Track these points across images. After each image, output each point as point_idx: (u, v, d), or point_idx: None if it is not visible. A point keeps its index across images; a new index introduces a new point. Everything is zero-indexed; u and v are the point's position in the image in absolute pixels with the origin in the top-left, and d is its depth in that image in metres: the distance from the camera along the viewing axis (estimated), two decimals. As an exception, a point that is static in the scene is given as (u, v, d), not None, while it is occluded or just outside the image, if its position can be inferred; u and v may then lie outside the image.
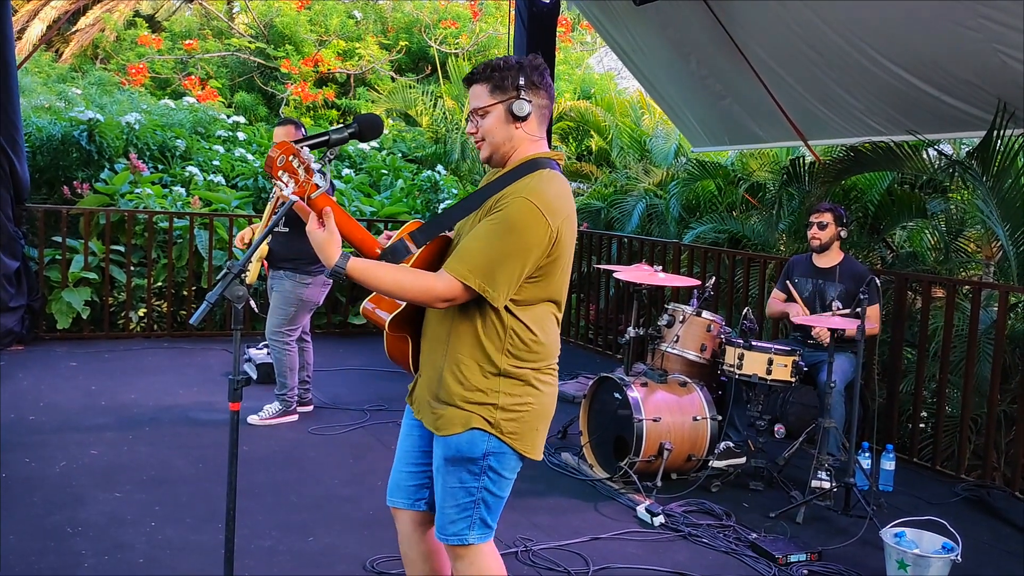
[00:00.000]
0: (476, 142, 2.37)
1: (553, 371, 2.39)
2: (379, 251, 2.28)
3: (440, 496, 2.38)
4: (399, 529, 2.58)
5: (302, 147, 2.01)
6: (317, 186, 1.99)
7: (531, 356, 2.31)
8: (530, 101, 2.31)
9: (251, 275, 5.05)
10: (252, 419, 5.30)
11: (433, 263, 2.34)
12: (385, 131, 2.99)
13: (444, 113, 11.56)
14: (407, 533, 2.56)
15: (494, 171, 2.42)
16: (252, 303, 2.44)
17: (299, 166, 1.96)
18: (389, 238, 2.37)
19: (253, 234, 5.22)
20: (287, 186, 1.97)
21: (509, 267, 2.19)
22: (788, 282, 5.21)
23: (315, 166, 1.99)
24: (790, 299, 5.16)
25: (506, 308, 2.25)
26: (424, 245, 2.30)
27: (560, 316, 2.41)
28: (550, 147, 2.45)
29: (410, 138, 11.27)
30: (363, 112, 11.97)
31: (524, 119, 2.31)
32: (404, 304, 2.32)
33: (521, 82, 2.29)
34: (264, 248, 5.08)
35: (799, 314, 4.92)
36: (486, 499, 2.36)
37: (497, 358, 2.28)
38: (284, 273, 5.16)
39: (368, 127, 2.35)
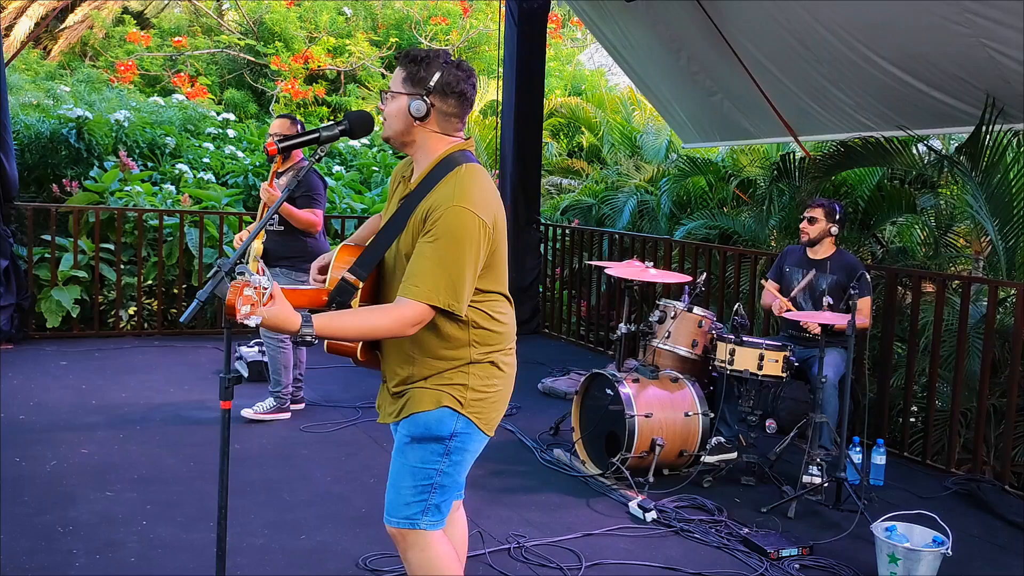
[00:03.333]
0: (383, 119, 2.38)
1: (513, 351, 2.47)
2: (326, 297, 2.30)
3: (397, 476, 2.40)
4: None
5: (247, 277, 2.02)
6: (266, 290, 2.02)
7: (495, 342, 2.38)
8: (432, 105, 2.29)
9: None
10: (246, 412, 5.30)
11: (376, 290, 2.40)
12: (376, 128, 3.02)
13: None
14: None
15: (405, 163, 2.45)
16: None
17: (251, 292, 1.99)
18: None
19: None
20: (254, 318, 1.99)
21: (465, 277, 2.23)
22: (780, 270, 5.23)
23: (263, 280, 2.00)
24: (782, 292, 5.18)
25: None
26: (366, 278, 2.31)
27: (511, 301, 2.47)
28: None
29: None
30: (353, 109, 11.95)
31: (420, 119, 2.30)
32: None
33: (432, 83, 2.28)
34: (259, 247, 5.08)
35: (781, 308, 4.95)
36: (443, 483, 2.38)
37: (464, 351, 2.34)
38: (280, 271, 5.15)
39: (359, 124, 2.35)
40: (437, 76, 2.28)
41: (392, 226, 2.35)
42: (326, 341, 2.34)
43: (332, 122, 2.34)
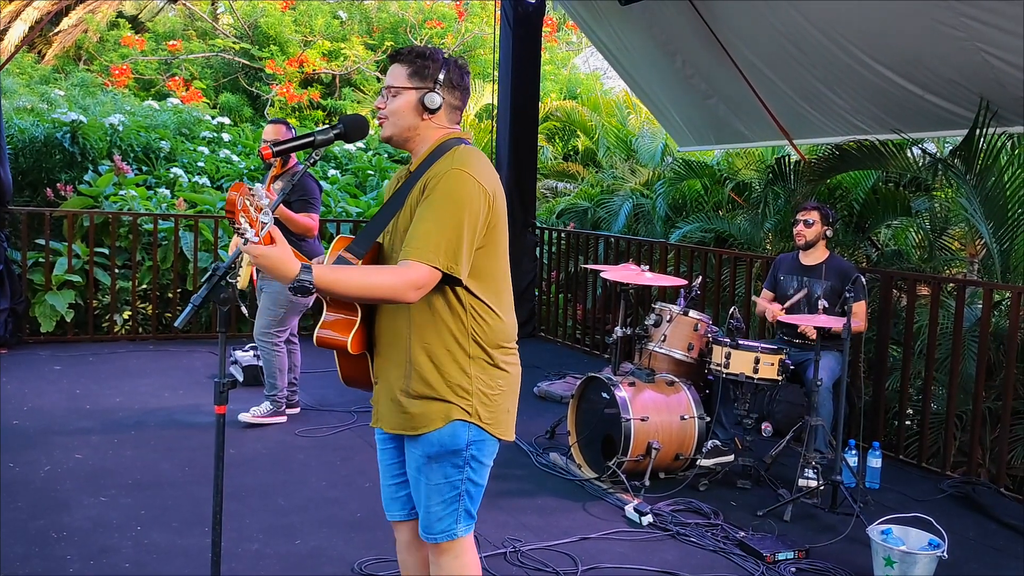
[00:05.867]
0: (380, 118, 2.37)
1: (515, 350, 2.43)
2: None
3: (424, 495, 2.37)
4: (399, 539, 2.59)
5: (253, 185, 2.01)
6: (264, 224, 1.99)
7: (495, 336, 2.33)
8: (443, 97, 2.33)
9: (242, 280, 5.02)
10: (243, 416, 5.28)
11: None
12: (371, 132, 2.98)
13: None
14: (407, 542, 2.57)
15: (404, 169, 2.45)
16: (243, 307, 2.42)
17: (251, 205, 1.97)
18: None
19: None
20: (248, 231, 1.97)
21: (463, 238, 2.19)
22: (775, 279, 5.24)
23: (264, 203, 1.99)
24: (776, 300, 5.18)
25: (464, 288, 2.26)
26: (364, 256, 2.29)
27: (511, 297, 2.43)
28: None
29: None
30: (349, 113, 11.93)
31: (433, 112, 2.33)
32: (359, 320, 2.30)
33: (440, 76, 2.31)
34: None
35: (774, 315, 4.95)
36: (469, 490, 2.38)
37: (464, 342, 2.29)
38: None
39: (354, 128, 2.34)
40: (444, 70, 2.32)
41: (391, 204, 2.34)
42: (315, 335, 2.32)
43: (327, 126, 2.33)
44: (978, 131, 5.42)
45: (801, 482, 4.44)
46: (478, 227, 2.23)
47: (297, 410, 5.59)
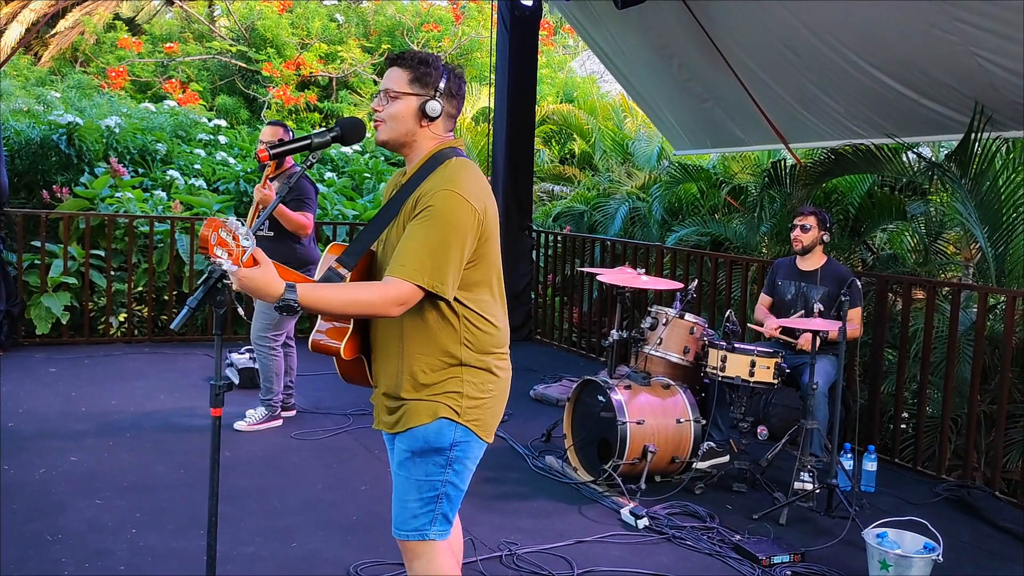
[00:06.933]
0: (376, 121, 2.38)
1: (506, 355, 2.46)
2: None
3: (402, 491, 2.39)
4: None
5: (226, 218, 2.04)
6: (245, 249, 2.02)
7: (488, 343, 2.36)
8: (443, 106, 2.35)
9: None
10: (239, 425, 5.26)
11: (367, 280, 2.38)
12: (367, 134, 2.99)
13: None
14: None
15: (400, 172, 2.47)
16: (240, 308, 2.42)
17: (227, 235, 1.99)
18: None
19: None
20: (225, 262, 2.00)
21: (451, 258, 2.22)
22: (772, 284, 5.25)
23: (241, 231, 2.01)
24: (774, 306, 5.20)
25: (456, 299, 2.28)
26: (354, 268, 2.31)
27: (504, 301, 2.45)
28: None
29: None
30: (345, 115, 11.94)
31: (432, 120, 2.34)
32: (351, 327, 2.33)
33: (441, 85, 2.34)
34: None
35: (771, 332, 4.95)
36: (449, 493, 2.39)
37: (456, 350, 2.32)
38: None
39: (350, 130, 2.36)
40: (445, 79, 2.34)
41: (382, 216, 2.35)
42: (311, 339, 2.35)
43: (324, 128, 2.34)
44: (973, 135, 5.44)
45: (797, 485, 4.45)
46: (466, 246, 2.26)
47: (293, 413, 5.58)
